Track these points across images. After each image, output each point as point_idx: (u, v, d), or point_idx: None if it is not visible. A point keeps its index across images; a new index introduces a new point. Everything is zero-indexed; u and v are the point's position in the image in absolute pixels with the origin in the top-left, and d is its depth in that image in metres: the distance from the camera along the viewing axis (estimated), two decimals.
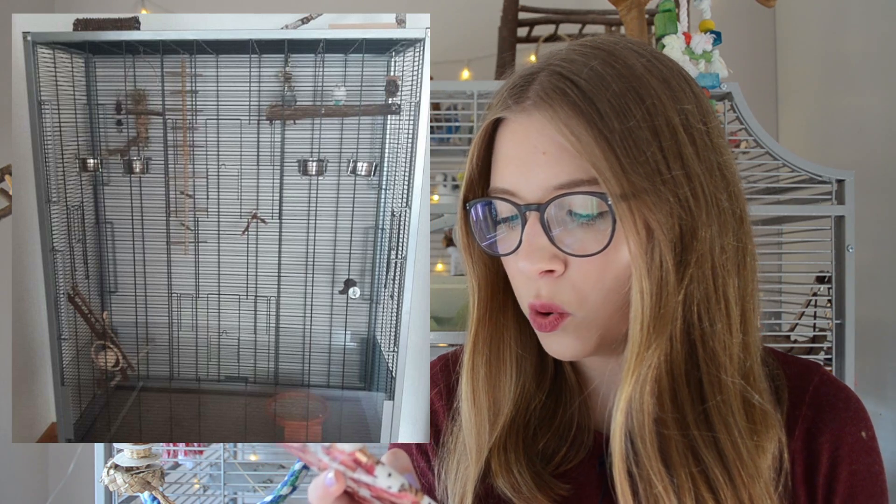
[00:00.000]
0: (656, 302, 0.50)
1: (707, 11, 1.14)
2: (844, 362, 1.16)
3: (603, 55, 0.53)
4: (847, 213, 1.16)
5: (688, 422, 0.52)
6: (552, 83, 0.52)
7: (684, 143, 0.51)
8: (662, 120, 0.51)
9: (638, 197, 0.49)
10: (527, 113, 0.53)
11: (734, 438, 0.52)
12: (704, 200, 0.51)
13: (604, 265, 0.52)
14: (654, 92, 0.52)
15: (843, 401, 0.60)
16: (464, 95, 1.22)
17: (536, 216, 0.53)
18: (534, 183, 0.53)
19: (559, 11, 1.76)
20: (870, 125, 1.50)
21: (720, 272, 0.52)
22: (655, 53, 0.55)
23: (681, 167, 0.51)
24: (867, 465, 0.58)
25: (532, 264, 0.53)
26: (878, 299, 1.40)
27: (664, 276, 0.50)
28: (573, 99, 0.51)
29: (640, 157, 0.50)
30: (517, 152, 0.54)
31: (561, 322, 0.54)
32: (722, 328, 0.53)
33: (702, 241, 0.51)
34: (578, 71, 0.52)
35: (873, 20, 1.49)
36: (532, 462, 0.59)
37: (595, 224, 0.52)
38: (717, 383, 0.52)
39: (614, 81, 0.51)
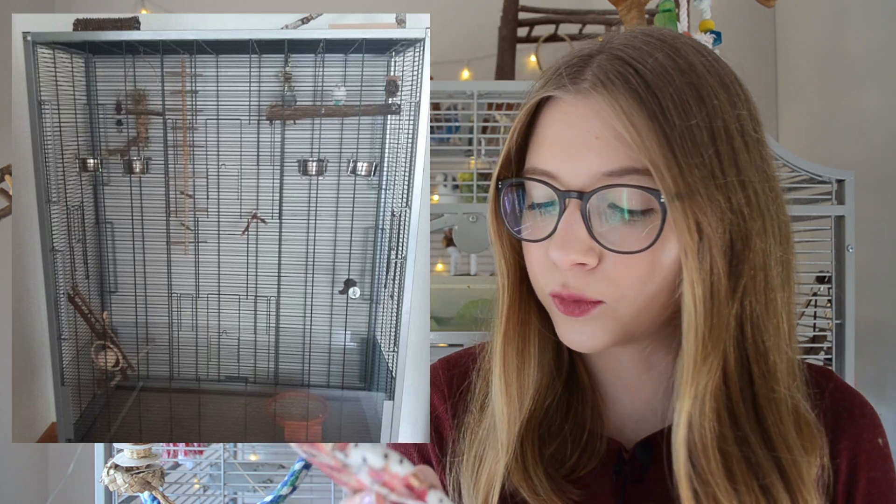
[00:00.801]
0: (710, 310, 0.49)
1: (707, 11, 1.14)
2: (844, 362, 1.16)
3: (666, 48, 0.51)
4: (847, 213, 1.16)
5: (750, 440, 0.50)
6: (614, 67, 0.50)
7: (740, 149, 0.50)
8: (720, 123, 0.49)
9: (691, 198, 0.47)
10: (583, 94, 0.50)
11: (795, 457, 0.51)
12: (758, 210, 0.50)
13: (644, 265, 0.50)
14: (713, 93, 0.50)
15: (858, 407, 0.60)
16: (464, 95, 1.22)
17: (577, 204, 0.50)
18: (581, 167, 0.50)
19: (559, 11, 1.76)
20: (870, 125, 1.50)
21: (773, 284, 0.51)
22: (714, 54, 0.53)
23: (736, 174, 0.49)
24: (884, 472, 0.58)
25: (566, 255, 0.50)
26: (878, 299, 1.40)
27: (716, 283, 0.49)
28: (635, 87, 0.48)
29: (697, 158, 0.48)
30: (566, 134, 0.51)
31: (592, 309, 0.52)
32: (775, 343, 0.51)
33: (755, 251, 0.50)
34: (642, 59, 0.50)
35: (873, 20, 1.49)
36: (547, 464, 0.58)
37: (638, 221, 0.50)
38: (774, 400, 0.51)
39: (676, 76, 0.49)
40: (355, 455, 0.35)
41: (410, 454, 0.68)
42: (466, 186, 1.59)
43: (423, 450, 0.67)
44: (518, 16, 1.75)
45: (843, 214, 1.16)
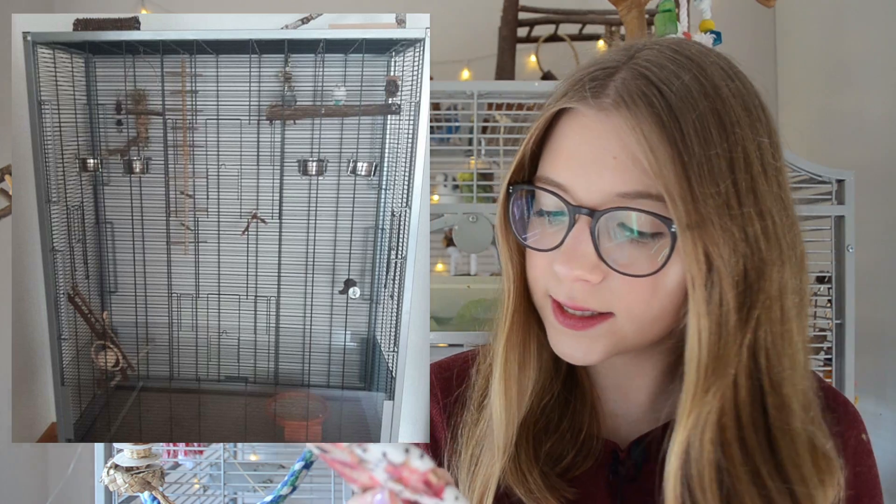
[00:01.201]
0: (715, 342, 0.48)
1: (707, 11, 1.14)
2: (844, 362, 1.16)
3: (694, 68, 0.50)
4: (847, 213, 1.16)
5: (761, 472, 0.50)
6: (638, 87, 0.49)
7: (759, 177, 0.49)
8: (741, 152, 0.48)
9: (703, 228, 0.47)
10: (605, 111, 0.50)
11: (809, 490, 0.50)
12: (776, 240, 0.49)
13: (650, 288, 0.50)
14: (736, 120, 0.49)
15: (842, 405, 0.60)
16: (464, 95, 1.22)
17: (587, 221, 0.50)
18: (595, 185, 0.50)
19: (559, 11, 1.77)
20: (870, 125, 1.50)
21: (788, 314, 0.50)
22: (739, 74, 0.53)
23: (753, 203, 0.48)
24: (868, 467, 0.59)
25: (571, 270, 0.50)
26: (878, 299, 1.40)
27: (724, 315, 0.48)
28: (658, 110, 0.48)
29: (713, 188, 0.47)
30: (583, 149, 0.51)
31: (597, 324, 0.52)
32: (790, 373, 0.51)
33: (771, 281, 0.49)
34: (668, 81, 0.49)
35: (873, 20, 1.49)
36: (542, 464, 0.58)
37: (646, 243, 0.49)
38: (789, 431, 0.50)
39: (701, 101, 0.48)
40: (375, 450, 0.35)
41: None
42: (466, 186, 1.59)
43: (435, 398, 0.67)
44: (518, 16, 1.76)
45: (843, 214, 1.16)
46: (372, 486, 0.37)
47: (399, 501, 0.36)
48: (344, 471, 0.37)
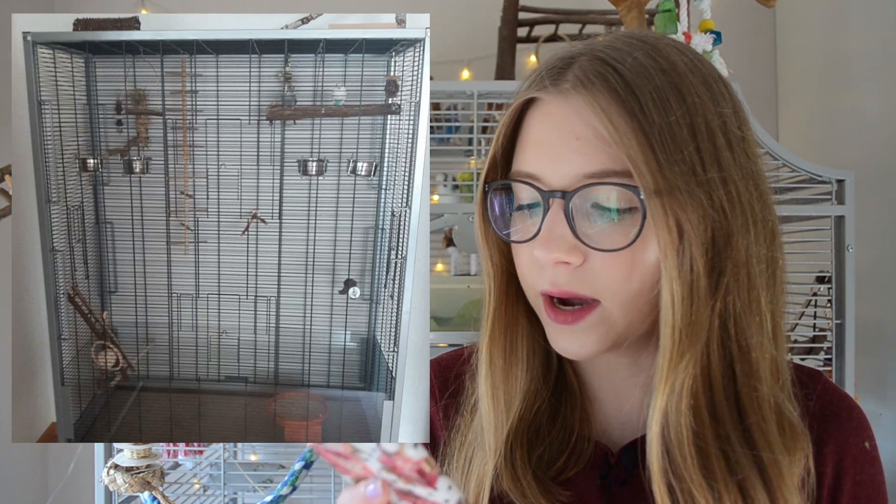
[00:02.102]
0: (688, 307, 0.49)
1: (707, 11, 1.14)
2: (844, 362, 1.16)
3: (647, 48, 0.52)
4: (847, 213, 1.16)
5: (731, 438, 0.50)
6: (594, 67, 0.50)
7: (722, 146, 0.50)
8: (702, 120, 0.49)
9: (671, 195, 0.48)
10: (563, 95, 0.51)
11: (776, 456, 0.51)
12: (740, 207, 0.50)
13: (628, 263, 0.50)
14: (694, 91, 0.50)
15: (846, 410, 0.59)
16: (464, 95, 1.22)
17: (560, 204, 0.51)
18: (562, 169, 0.51)
19: (559, 11, 1.76)
20: (870, 125, 1.50)
21: (755, 283, 0.51)
22: (697, 55, 0.54)
23: (717, 170, 0.49)
24: (871, 476, 0.58)
25: (549, 253, 0.51)
26: (878, 299, 1.40)
27: (695, 281, 0.49)
28: (614, 86, 0.49)
29: (677, 155, 0.48)
30: (548, 136, 0.52)
31: (586, 315, 0.52)
32: (758, 342, 0.51)
33: (737, 248, 0.50)
34: (622, 59, 0.50)
35: (873, 20, 1.49)
36: (535, 467, 0.58)
37: (621, 219, 0.50)
38: (757, 398, 0.51)
39: (657, 75, 0.50)
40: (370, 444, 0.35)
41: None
42: (466, 186, 1.59)
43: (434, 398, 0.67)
44: (518, 16, 1.75)
45: (843, 214, 1.16)
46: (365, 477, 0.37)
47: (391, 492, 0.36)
48: (338, 461, 0.37)
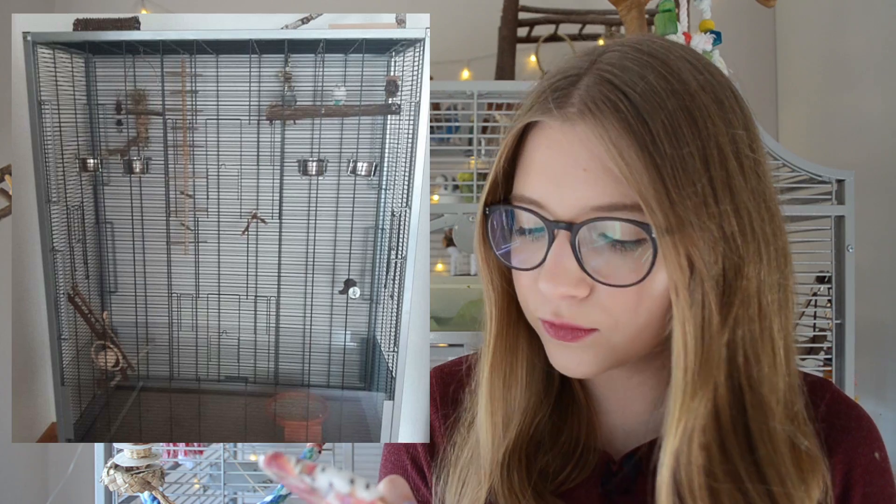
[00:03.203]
0: (699, 346, 0.47)
1: (707, 11, 1.14)
2: (844, 362, 1.16)
3: (658, 65, 0.48)
4: (847, 213, 1.16)
5: (740, 474, 0.49)
6: (602, 93, 0.47)
7: (734, 172, 0.48)
8: (714, 146, 0.47)
9: (682, 231, 0.46)
10: (570, 122, 0.48)
11: (788, 490, 0.49)
12: (752, 236, 0.48)
13: (636, 296, 0.49)
14: (707, 114, 0.48)
15: (854, 420, 0.58)
16: (464, 95, 1.22)
17: (566, 236, 0.49)
18: (568, 199, 0.48)
19: (559, 11, 1.77)
20: (870, 125, 1.50)
21: (767, 311, 0.49)
22: (709, 66, 0.51)
23: (730, 200, 0.47)
24: (880, 488, 0.56)
25: (556, 287, 0.49)
26: (878, 299, 1.40)
27: (707, 317, 0.47)
28: (625, 115, 0.46)
29: (689, 188, 0.46)
30: (553, 163, 0.49)
31: (585, 336, 0.51)
32: (769, 372, 0.49)
33: (749, 279, 0.48)
34: (632, 83, 0.47)
35: (873, 20, 1.49)
36: (535, 482, 0.56)
37: (630, 251, 0.48)
38: (767, 430, 0.49)
39: (669, 99, 0.47)
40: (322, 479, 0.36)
41: (402, 461, 0.66)
42: (466, 186, 1.59)
43: (415, 457, 0.66)
44: (518, 16, 1.76)
45: (843, 214, 1.16)
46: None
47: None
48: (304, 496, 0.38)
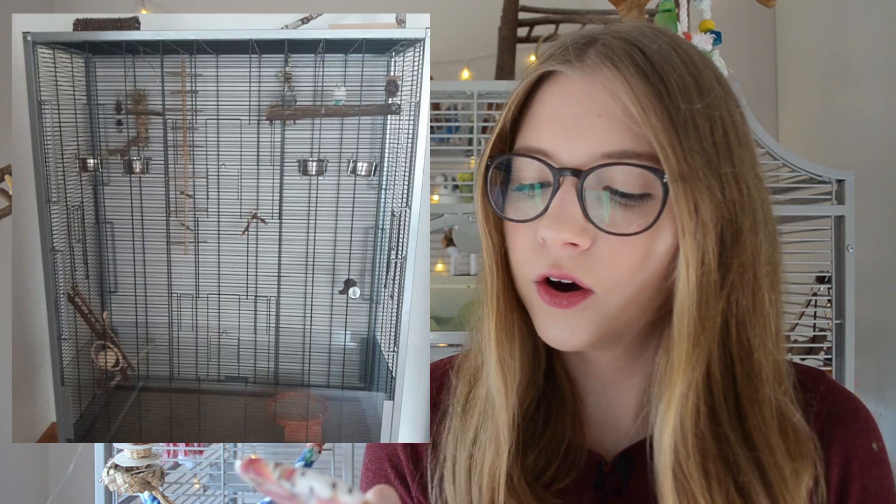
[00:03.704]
0: (702, 296, 0.48)
1: (707, 11, 1.14)
2: (844, 362, 1.16)
3: (667, 38, 0.51)
4: (847, 213, 1.16)
5: (730, 439, 0.49)
6: (621, 46, 0.49)
7: (735, 144, 0.49)
8: (718, 115, 0.49)
9: (692, 181, 0.47)
10: (588, 70, 0.49)
11: (777, 460, 0.49)
12: (750, 207, 0.49)
13: (638, 251, 0.48)
14: (710, 85, 0.50)
15: (851, 411, 0.58)
16: (464, 95, 1.22)
17: (573, 182, 0.48)
18: (579, 146, 0.49)
19: (559, 11, 1.76)
20: (870, 125, 1.50)
21: (761, 283, 0.50)
22: (704, 54, 0.54)
23: (731, 166, 0.49)
24: (879, 479, 0.56)
25: (558, 233, 0.48)
26: (878, 299, 1.40)
27: (706, 273, 0.48)
28: (642, 67, 0.48)
29: (698, 145, 0.47)
30: (565, 111, 0.50)
31: (581, 301, 0.50)
32: (759, 344, 0.50)
33: (744, 247, 0.49)
34: (647, 43, 0.50)
35: (873, 20, 1.49)
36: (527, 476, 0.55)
37: (635, 205, 0.48)
38: (758, 400, 0.50)
39: (679, 63, 0.49)
40: (302, 484, 0.34)
41: (383, 467, 0.64)
42: (466, 186, 1.59)
43: (396, 463, 0.64)
44: (518, 16, 1.75)
45: (843, 214, 1.16)
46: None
47: None
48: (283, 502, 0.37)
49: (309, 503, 0.35)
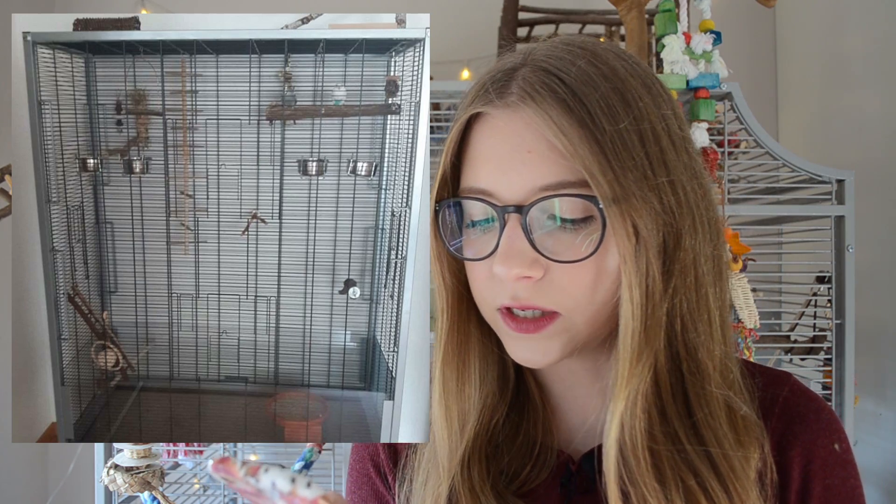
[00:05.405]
0: (644, 312, 0.49)
1: (707, 11, 1.14)
2: (844, 362, 1.16)
3: (587, 55, 0.51)
4: (847, 213, 1.16)
5: (679, 436, 0.50)
6: (538, 78, 0.50)
7: (668, 148, 0.50)
8: (647, 125, 0.50)
9: (627, 201, 0.48)
10: (511, 108, 0.50)
11: (725, 451, 0.51)
12: (688, 208, 0.51)
13: (589, 273, 0.50)
14: (637, 96, 0.50)
15: (813, 412, 0.58)
16: (464, 95, 1.22)
17: (517, 218, 0.50)
18: (516, 183, 0.50)
19: (559, 11, 1.76)
20: (870, 125, 1.50)
21: (703, 281, 0.52)
22: (633, 57, 0.54)
23: (665, 174, 0.50)
24: (842, 479, 0.56)
25: (510, 269, 0.50)
26: (878, 299, 1.40)
27: (651, 285, 0.49)
28: (562, 96, 0.49)
29: (629, 162, 0.48)
30: (498, 150, 0.51)
31: (548, 325, 0.52)
32: (705, 339, 0.52)
33: (685, 250, 0.50)
34: (565, 69, 0.50)
35: (873, 20, 1.49)
36: (495, 481, 0.57)
37: (579, 230, 0.50)
38: (704, 395, 0.51)
39: (601, 82, 0.50)
40: (265, 480, 0.36)
41: (366, 468, 0.66)
42: None
43: (378, 464, 0.66)
44: (518, 16, 1.75)
45: (843, 214, 1.16)
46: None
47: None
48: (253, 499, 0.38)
49: (273, 498, 0.37)
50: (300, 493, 0.36)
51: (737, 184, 1.30)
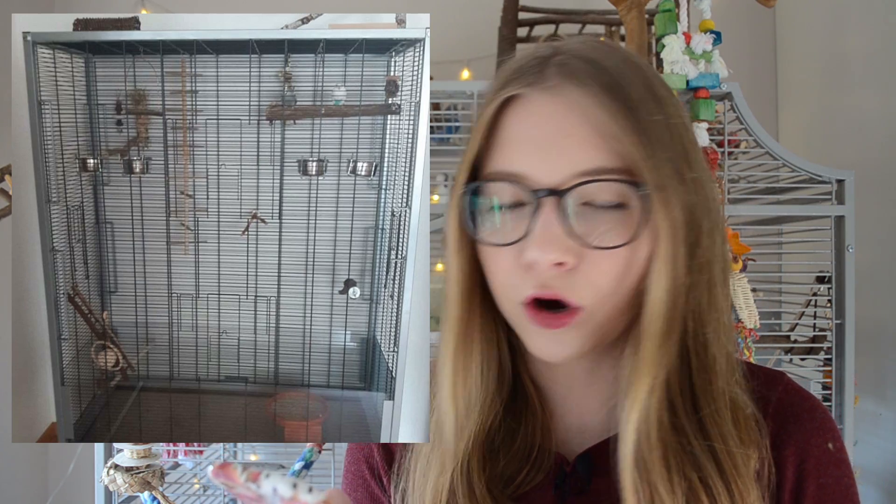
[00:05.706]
0: (671, 299, 0.50)
1: (707, 11, 1.14)
2: (844, 362, 1.16)
3: (619, 53, 0.53)
4: (847, 213, 1.16)
5: (686, 430, 0.51)
6: (578, 65, 0.50)
7: (692, 148, 0.52)
8: (675, 123, 0.51)
9: (666, 190, 0.48)
10: (550, 92, 0.50)
11: (730, 448, 0.51)
12: (706, 209, 0.51)
13: (621, 262, 0.49)
14: (665, 95, 0.52)
15: (807, 411, 0.58)
16: (464, 95, 1.22)
17: (554, 202, 0.49)
18: (554, 166, 0.49)
19: (559, 11, 1.76)
20: (870, 125, 1.50)
21: (715, 281, 0.52)
22: (652, 67, 0.56)
23: (692, 171, 0.51)
24: (836, 478, 0.56)
25: (546, 254, 0.48)
26: (878, 299, 1.40)
27: (677, 277, 0.50)
28: (606, 80, 0.49)
29: (665, 154, 0.49)
30: (536, 133, 0.50)
31: (572, 319, 0.51)
32: (713, 338, 0.52)
33: (704, 248, 0.51)
34: (602, 59, 0.51)
35: (873, 20, 1.49)
36: (492, 484, 0.56)
37: (614, 217, 0.49)
38: (711, 392, 0.52)
39: (635, 75, 0.51)
40: (266, 485, 0.36)
41: (360, 469, 0.66)
42: None
43: (372, 465, 0.66)
44: (518, 16, 1.75)
45: (843, 214, 1.16)
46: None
47: None
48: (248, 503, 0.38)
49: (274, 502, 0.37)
50: (302, 499, 0.36)
51: (737, 184, 1.30)
